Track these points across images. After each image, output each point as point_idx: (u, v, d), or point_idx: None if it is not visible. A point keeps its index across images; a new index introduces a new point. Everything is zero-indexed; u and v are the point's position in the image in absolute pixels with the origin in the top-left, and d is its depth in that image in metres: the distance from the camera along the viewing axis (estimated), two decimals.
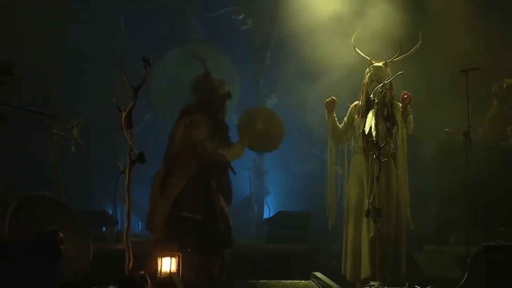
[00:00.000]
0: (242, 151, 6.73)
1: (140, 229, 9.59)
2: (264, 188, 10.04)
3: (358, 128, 6.67)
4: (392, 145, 6.61)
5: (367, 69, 6.72)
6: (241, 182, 9.88)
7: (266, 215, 9.75)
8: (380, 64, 6.69)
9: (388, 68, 6.70)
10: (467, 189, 7.13)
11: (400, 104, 6.57)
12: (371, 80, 6.65)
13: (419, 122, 6.79)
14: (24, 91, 7.30)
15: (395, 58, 6.68)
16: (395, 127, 6.60)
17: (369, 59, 6.74)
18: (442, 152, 8.38)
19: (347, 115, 6.85)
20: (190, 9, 10.06)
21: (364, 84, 6.75)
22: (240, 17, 10.02)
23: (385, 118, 6.55)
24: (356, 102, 6.81)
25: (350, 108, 6.86)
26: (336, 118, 6.83)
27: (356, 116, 6.77)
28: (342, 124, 6.85)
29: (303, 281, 5.83)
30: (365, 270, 6.40)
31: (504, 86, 8.31)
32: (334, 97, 6.83)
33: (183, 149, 6.50)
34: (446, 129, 8.32)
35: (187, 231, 6.32)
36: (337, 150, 7.08)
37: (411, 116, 6.59)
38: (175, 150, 6.55)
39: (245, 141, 6.71)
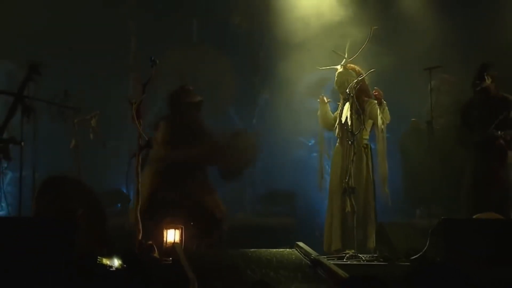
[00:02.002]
0: None
1: None
2: (258, 170, 10.07)
3: (336, 120, 6.79)
4: (366, 137, 6.71)
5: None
6: None
7: (259, 193, 9.80)
8: (341, 69, 6.81)
9: (352, 66, 6.81)
10: (430, 170, 7.22)
11: (375, 101, 6.63)
12: (337, 85, 6.83)
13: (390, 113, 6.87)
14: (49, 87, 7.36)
15: (350, 59, 6.78)
16: (370, 120, 6.69)
17: (334, 66, 6.89)
18: (409, 139, 8.44)
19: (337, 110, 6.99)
20: (191, 12, 10.06)
21: None
22: (237, 20, 10.03)
23: (356, 110, 6.62)
24: None
25: (340, 104, 6.97)
26: (329, 108, 6.97)
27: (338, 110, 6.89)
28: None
29: (288, 250, 5.89)
30: (336, 242, 6.54)
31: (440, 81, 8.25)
32: (323, 96, 6.98)
33: None
34: (413, 119, 8.39)
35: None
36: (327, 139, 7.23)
37: (387, 108, 6.69)
38: None
39: None
